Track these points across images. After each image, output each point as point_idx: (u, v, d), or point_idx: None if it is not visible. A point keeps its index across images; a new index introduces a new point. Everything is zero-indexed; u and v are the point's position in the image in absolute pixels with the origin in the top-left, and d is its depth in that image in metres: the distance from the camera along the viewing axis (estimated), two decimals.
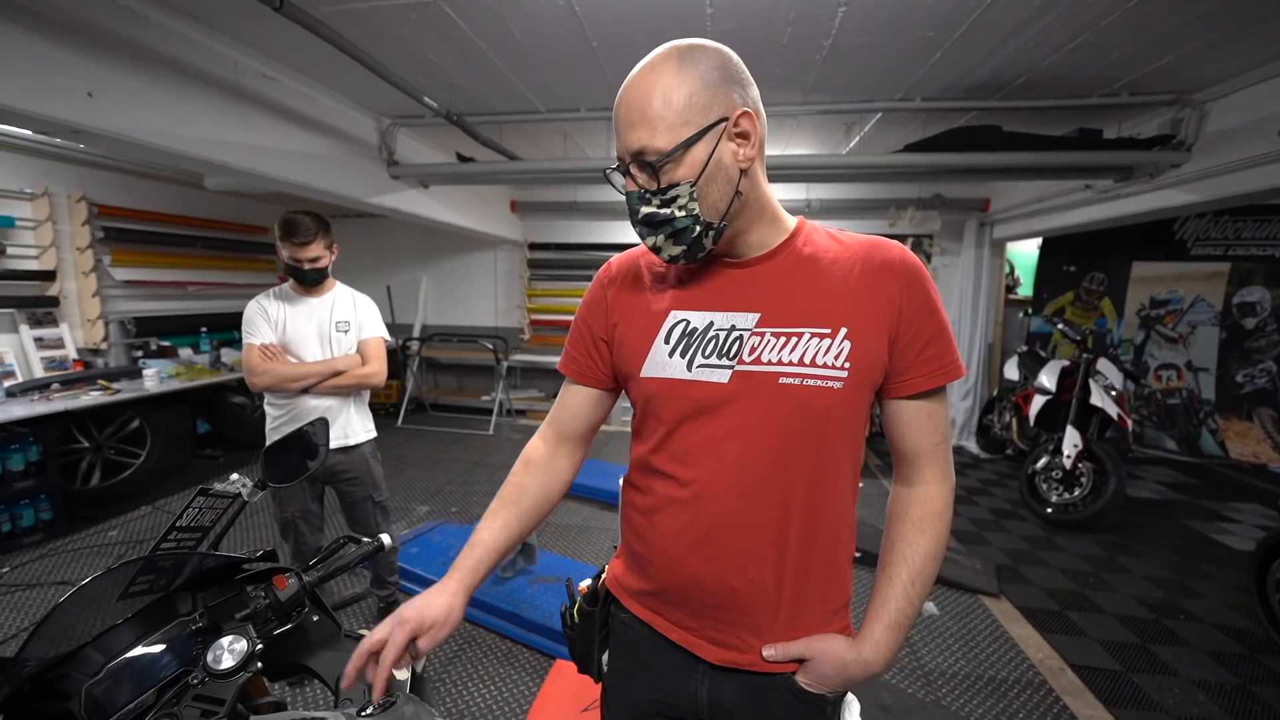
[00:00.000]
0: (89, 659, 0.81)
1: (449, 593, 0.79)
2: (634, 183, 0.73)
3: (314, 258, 1.92)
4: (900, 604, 0.74)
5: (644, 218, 0.73)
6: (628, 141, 0.70)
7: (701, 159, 0.69)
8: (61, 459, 3.16)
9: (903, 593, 0.74)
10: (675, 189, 0.70)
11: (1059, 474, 3.50)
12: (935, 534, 0.76)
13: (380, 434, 2.23)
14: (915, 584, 0.74)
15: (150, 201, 4.21)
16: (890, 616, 0.74)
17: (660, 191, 0.71)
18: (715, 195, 0.71)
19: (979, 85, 2.84)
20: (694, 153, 0.69)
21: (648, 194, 0.72)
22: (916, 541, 0.75)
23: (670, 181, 0.70)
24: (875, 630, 0.74)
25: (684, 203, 0.70)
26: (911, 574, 0.74)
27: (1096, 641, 2.35)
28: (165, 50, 2.18)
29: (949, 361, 0.74)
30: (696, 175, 0.69)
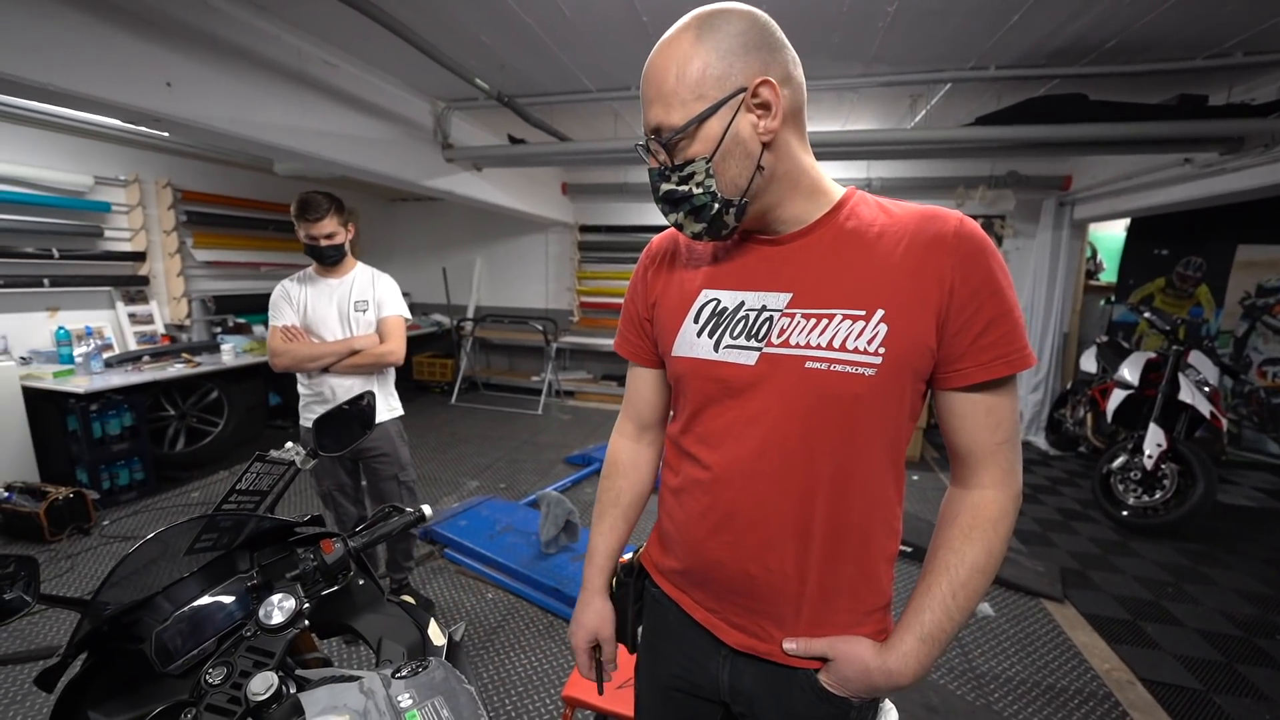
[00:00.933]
0: (160, 607, 0.87)
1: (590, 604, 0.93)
2: (654, 160, 0.71)
3: (329, 234, 1.94)
4: (937, 616, 0.68)
5: (664, 195, 0.72)
6: (647, 118, 0.69)
7: (716, 134, 0.66)
8: (151, 425, 3.45)
9: (941, 604, 0.68)
10: (691, 166, 0.68)
11: (1138, 475, 3.23)
12: (987, 544, 0.68)
13: (434, 411, 2.32)
14: (957, 597, 0.67)
15: (227, 186, 4.49)
16: (924, 628, 0.68)
17: (677, 169, 0.69)
18: (733, 171, 0.67)
19: (1062, 50, 2.60)
20: (708, 128, 0.66)
21: (667, 171, 0.70)
22: (963, 550, 0.68)
23: (685, 158, 0.68)
24: (905, 641, 0.69)
25: (701, 179, 0.68)
26: (954, 585, 0.68)
27: (1173, 656, 2.17)
28: (236, 40, 2.29)
29: (1013, 350, 0.65)
30: (711, 151, 0.66)
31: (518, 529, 2.78)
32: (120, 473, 3.20)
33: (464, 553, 2.66)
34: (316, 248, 1.95)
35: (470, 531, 2.76)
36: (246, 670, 0.76)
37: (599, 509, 0.95)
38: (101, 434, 3.11)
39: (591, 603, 0.92)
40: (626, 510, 0.94)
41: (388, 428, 2.13)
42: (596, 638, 0.91)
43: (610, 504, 0.94)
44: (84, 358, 3.26)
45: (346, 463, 2.14)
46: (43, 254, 3.33)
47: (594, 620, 0.91)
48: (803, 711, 0.75)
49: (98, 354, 3.33)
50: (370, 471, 2.17)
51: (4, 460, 2.95)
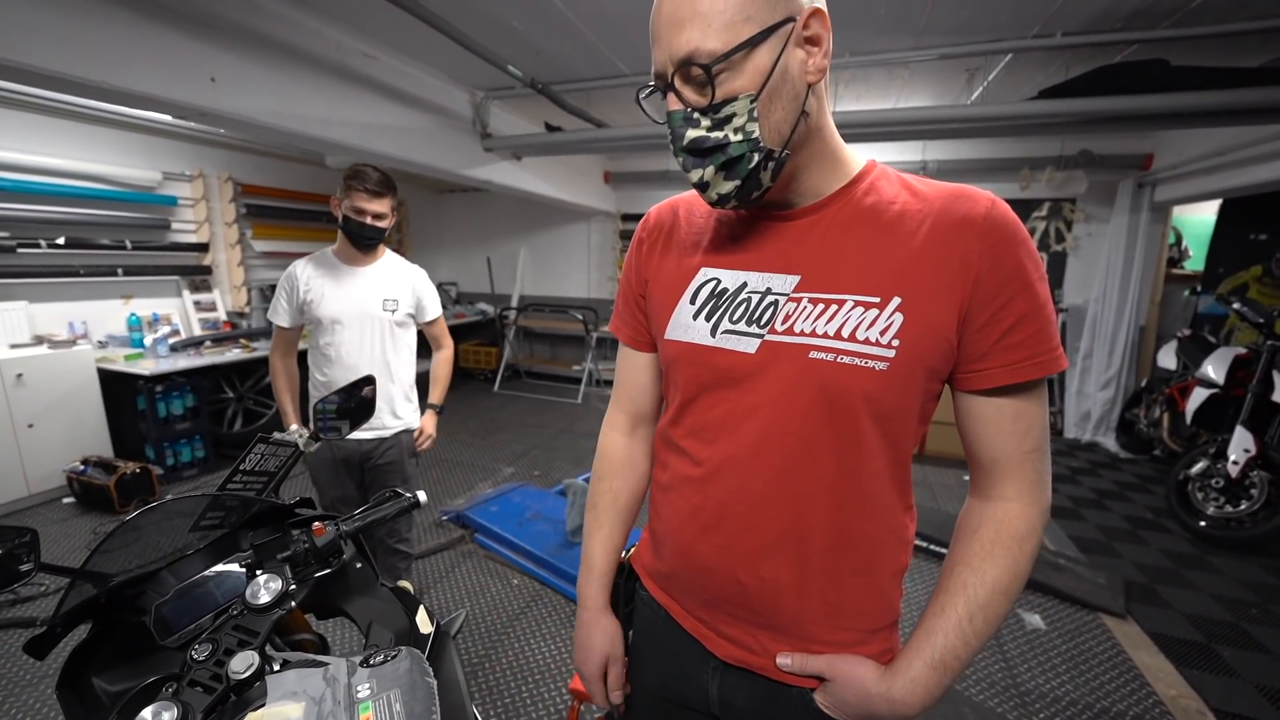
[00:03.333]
0: (163, 581, 0.90)
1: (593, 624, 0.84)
2: (677, 100, 0.59)
3: (379, 213, 1.70)
4: (951, 640, 0.60)
5: (690, 144, 0.59)
6: (673, 46, 0.56)
7: (765, 66, 0.56)
8: (211, 406, 3.68)
9: (956, 628, 0.60)
10: (731, 105, 0.57)
11: (1220, 482, 2.93)
12: (1010, 563, 0.61)
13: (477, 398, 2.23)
14: (974, 620, 0.60)
15: (283, 180, 4.71)
16: (935, 654, 0.60)
17: (712, 109, 0.57)
18: (779, 115, 0.58)
19: (1141, 11, 2.34)
20: (756, 57, 0.56)
21: (695, 113, 0.58)
22: (983, 569, 0.61)
23: (727, 95, 0.56)
24: (914, 666, 0.61)
25: (741, 123, 0.57)
26: (971, 607, 0.60)
27: (1254, 687, 1.95)
28: (276, 34, 2.36)
29: (1043, 351, 0.58)
30: (759, 87, 0.56)
31: (546, 516, 2.80)
32: (183, 450, 3.43)
33: (493, 538, 2.70)
34: (361, 225, 1.69)
35: (500, 517, 2.79)
36: (231, 648, 0.77)
37: (593, 515, 0.87)
38: (166, 413, 3.33)
39: (598, 623, 0.83)
40: (624, 513, 0.87)
41: (402, 439, 1.91)
42: (608, 660, 0.82)
43: (607, 508, 0.86)
44: (153, 343, 3.50)
45: (354, 473, 1.91)
46: (117, 245, 3.59)
47: (604, 642, 0.82)
48: None
49: (165, 339, 3.57)
50: (373, 477, 1.92)
51: (82, 436, 3.21)
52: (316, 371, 1.85)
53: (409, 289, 1.87)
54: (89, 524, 2.90)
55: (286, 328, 1.81)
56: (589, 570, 0.85)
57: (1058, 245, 4.75)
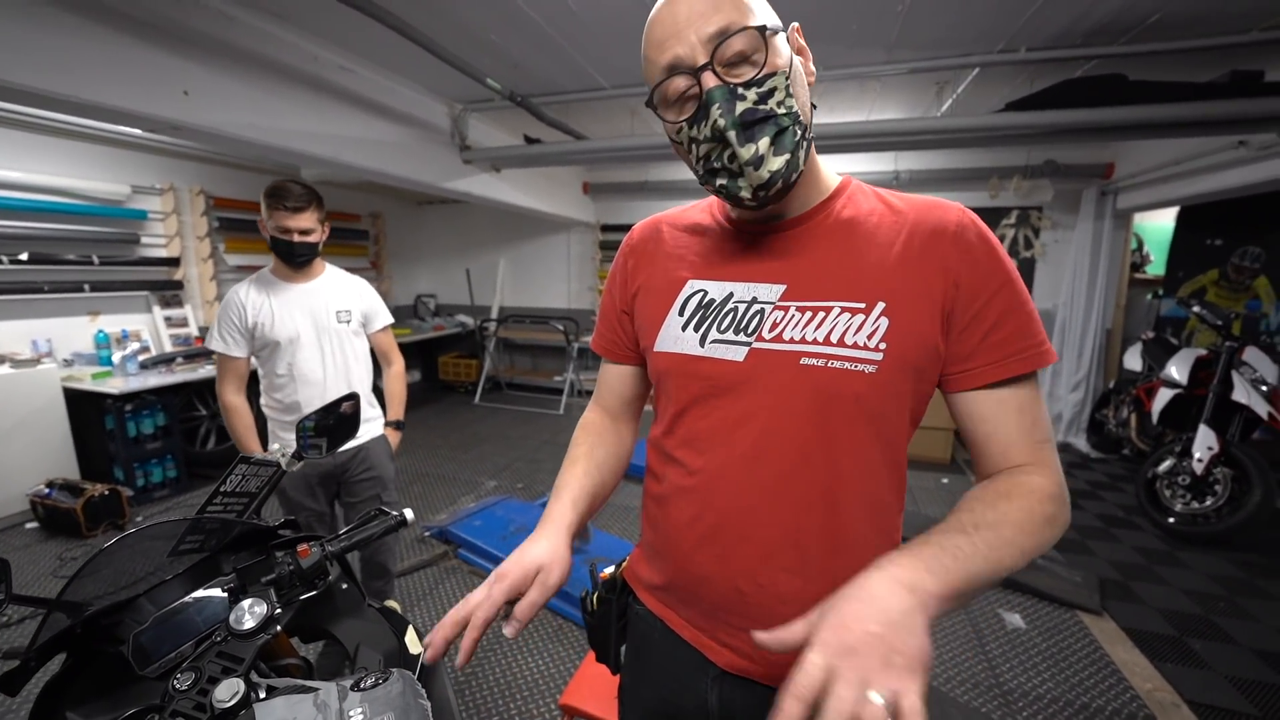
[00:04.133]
0: (141, 608, 0.88)
1: (545, 536, 0.69)
2: (714, 77, 0.58)
3: (306, 229, 1.65)
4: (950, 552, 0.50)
5: (742, 116, 0.58)
6: (703, 29, 0.57)
7: (789, 52, 0.61)
8: (184, 424, 3.58)
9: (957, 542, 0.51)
10: (772, 79, 0.58)
11: (1187, 479, 3.03)
12: (1028, 505, 0.57)
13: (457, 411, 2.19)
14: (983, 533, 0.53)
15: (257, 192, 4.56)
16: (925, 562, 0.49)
17: (758, 82, 0.58)
18: (803, 98, 0.62)
19: (1099, 29, 2.45)
20: (779, 42, 0.60)
21: (739, 88, 0.58)
22: (998, 505, 0.56)
23: (771, 69, 0.58)
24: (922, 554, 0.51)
25: (782, 97, 0.59)
26: (978, 522, 0.54)
27: (1224, 678, 2.01)
28: (251, 47, 2.34)
29: (1029, 345, 0.61)
30: (788, 67, 0.60)
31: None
32: (154, 470, 3.33)
33: (477, 553, 2.66)
34: (288, 244, 1.64)
35: (484, 532, 2.76)
36: (215, 676, 0.75)
37: (569, 457, 0.83)
38: (136, 433, 3.23)
39: (541, 538, 0.69)
40: (601, 461, 0.82)
41: (374, 446, 1.86)
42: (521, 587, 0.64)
43: (584, 455, 0.81)
44: (122, 360, 3.40)
45: (330, 488, 1.85)
46: (83, 260, 3.49)
47: (540, 554, 0.66)
48: None
49: (134, 356, 3.47)
50: (350, 493, 1.86)
51: (46, 458, 3.09)
52: (275, 395, 1.77)
53: (356, 298, 1.86)
54: (54, 550, 2.79)
55: (238, 357, 1.72)
56: (556, 493, 0.78)
57: (1026, 252, 4.89)
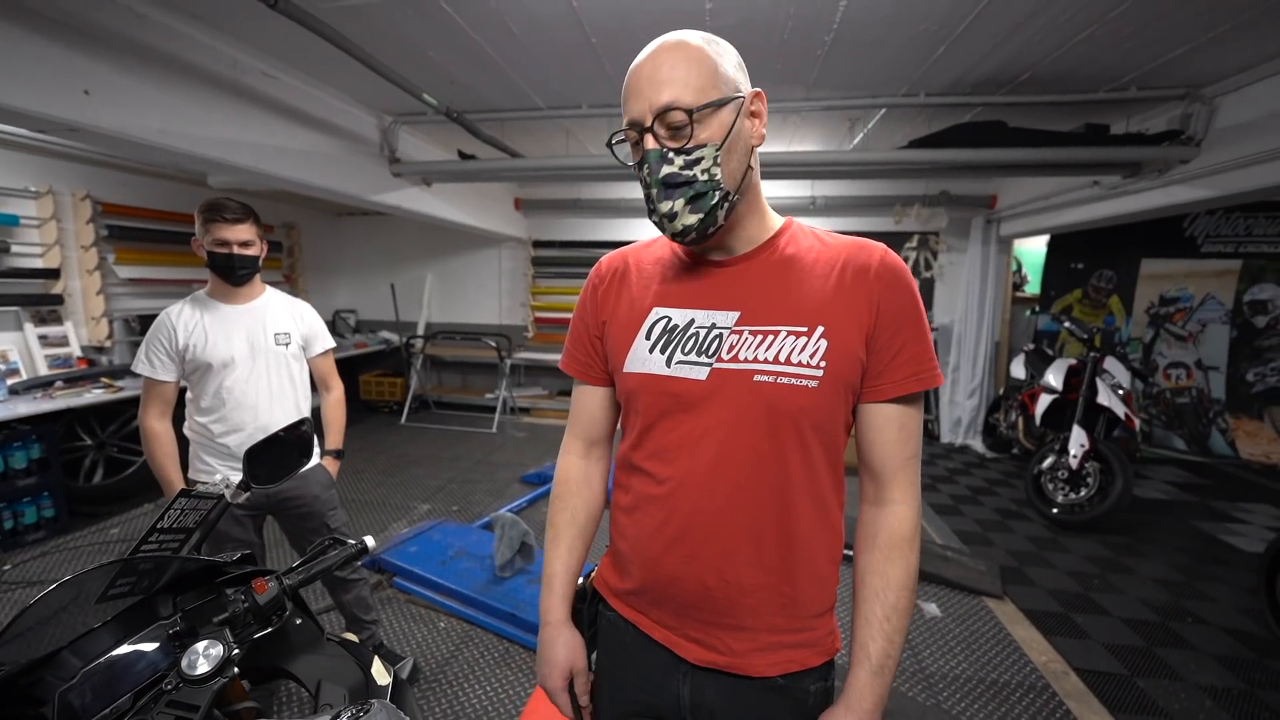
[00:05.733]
0: (65, 664, 0.80)
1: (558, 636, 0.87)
2: (655, 140, 0.69)
3: (245, 240, 1.59)
4: (880, 644, 0.72)
5: (665, 178, 0.70)
6: (654, 98, 0.68)
7: (727, 123, 0.69)
8: (65, 456, 3.18)
9: (880, 631, 0.72)
10: (701, 150, 0.68)
11: (1065, 474, 3.45)
12: (906, 562, 0.74)
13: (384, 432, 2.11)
14: (891, 619, 0.72)
15: (154, 199, 4.23)
16: (873, 661, 0.72)
17: (685, 151, 0.69)
18: (734, 164, 0.71)
19: (984, 81, 2.80)
20: (721, 115, 0.69)
21: (670, 153, 0.69)
22: (887, 572, 0.73)
23: (698, 142, 0.68)
24: (860, 678, 0.73)
25: (708, 166, 0.69)
26: (886, 609, 0.72)
27: (1101, 645, 2.31)
28: (164, 48, 2.18)
29: (924, 369, 0.72)
30: (722, 139, 0.69)
31: (471, 553, 2.70)
32: (26, 510, 2.92)
33: (414, 580, 2.56)
34: (228, 256, 1.58)
35: (420, 558, 2.65)
36: None
37: (553, 532, 0.91)
38: (4, 468, 2.83)
39: (559, 636, 0.87)
40: (583, 530, 0.92)
41: (313, 475, 1.78)
42: (573, 673, 0.87)
43: (566, 524, 0.91)
44: None
45: (259, 518, 1.76)
46: None
47: (566, 655, 0.86)
48: (764, 713, 0.78)
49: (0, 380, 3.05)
50: (292, 524, 1.80)
51: None
52: (202, 420, 1.66)
53: (297, 321, 1.79)
54: None
55: (166, 381, 1.60)
56: (549, 586, 0.89)
57: (926, 272, 5.41)
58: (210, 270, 1.63)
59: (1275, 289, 4.63)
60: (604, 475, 0.96)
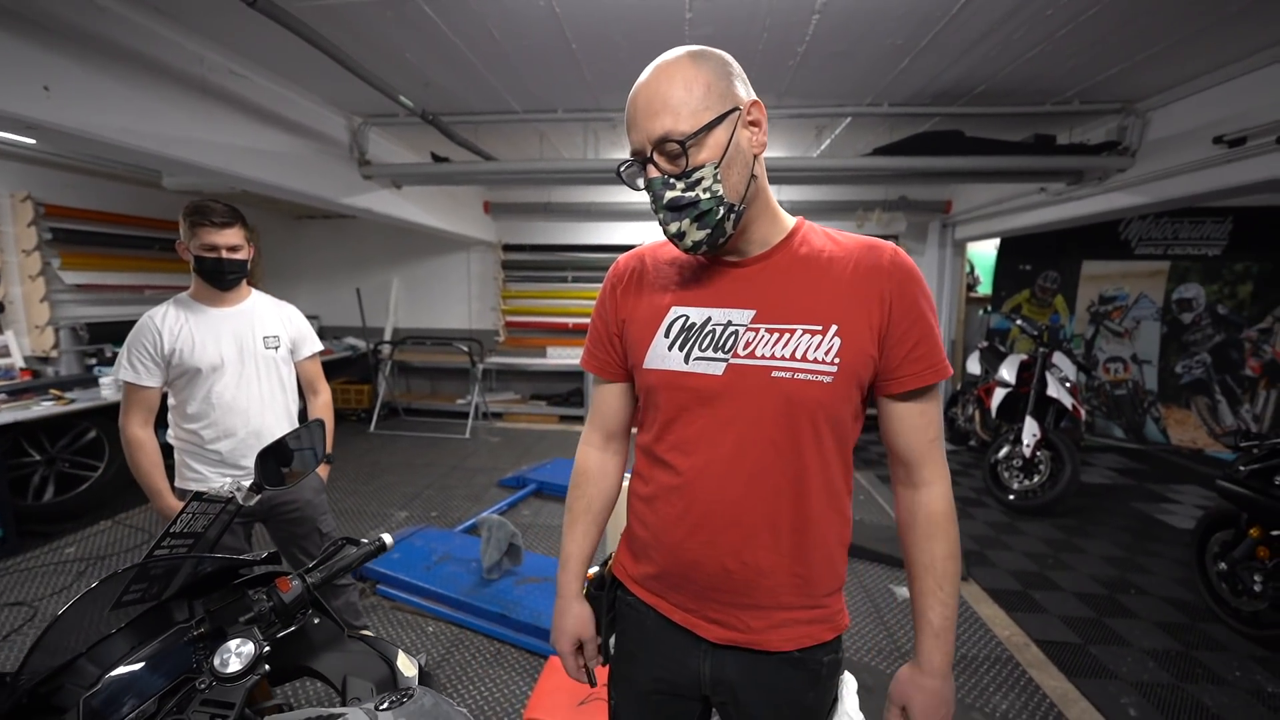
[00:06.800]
0: (83, 671, 0.80)
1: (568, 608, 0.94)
2: (657, 169, 0.74)
3: (234, 245, 1.56)
4: (938, 610, 0.79)
5: (669, 203, 0.74)
6: (650, 130, 0.72)
7: (723, 141, 0.72)
8: (11, 473, 2.99)
9: (936, 599, 0.79)
10: (700, 171, 0.72)
11: (1019, 462, 3.67)
12: (946, 535, 0.80)
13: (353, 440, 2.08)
14: (944, 587, 0.79)
15: (102, 201, 4.02)
16: (934, 625, 0.79)
17: (685, 175, 0.73)
18: (735, 177, 0.74)
19: (943, 92, 2.97)
20: (716, 135, 0.72)
21: (672, 179, 0.73)
22: (932, 549, 0.80)
23: (695, 164, 0.72)
24: (926, 643, 0.79)
25: (708, 184, 0.73)
26: (938, 578, 0.79)
27: (1057, 618, 2.48)
28: (128, 44, 2.11)
29: (937, 361, 0.77)
30: (719, 157, 0.72)
31: (456, 557, 2.68)
32: None
33: (399, 587, 2.53)
34: (217, 261, 1.55)
35: (404, 564, 2.62)
36: None
37: (570, 517, 0.97)
38: None
39: (570, 608, 0.94)
40: (598, 516, 0.97)
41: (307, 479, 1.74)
42: (580, 640, 0.94)
43: (582, 511, 0.96)
44: None
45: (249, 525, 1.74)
46: None
47: (575, 624, 0.94)
48: (781, 685, 0.83)
49: None
50: (283, 530, 1.77)
51: None
52: (189, 426, 1.62)
53: (285, 324, 1.78)
54: None
55: (150, 387, 1.56)
56: (565, 565, 0.96)
57: None
58: (196, 275, 1.60)
59: (1198, 288, 5.03)
60: (620, 466, 1.00)
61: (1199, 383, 5.07)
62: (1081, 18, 2.17)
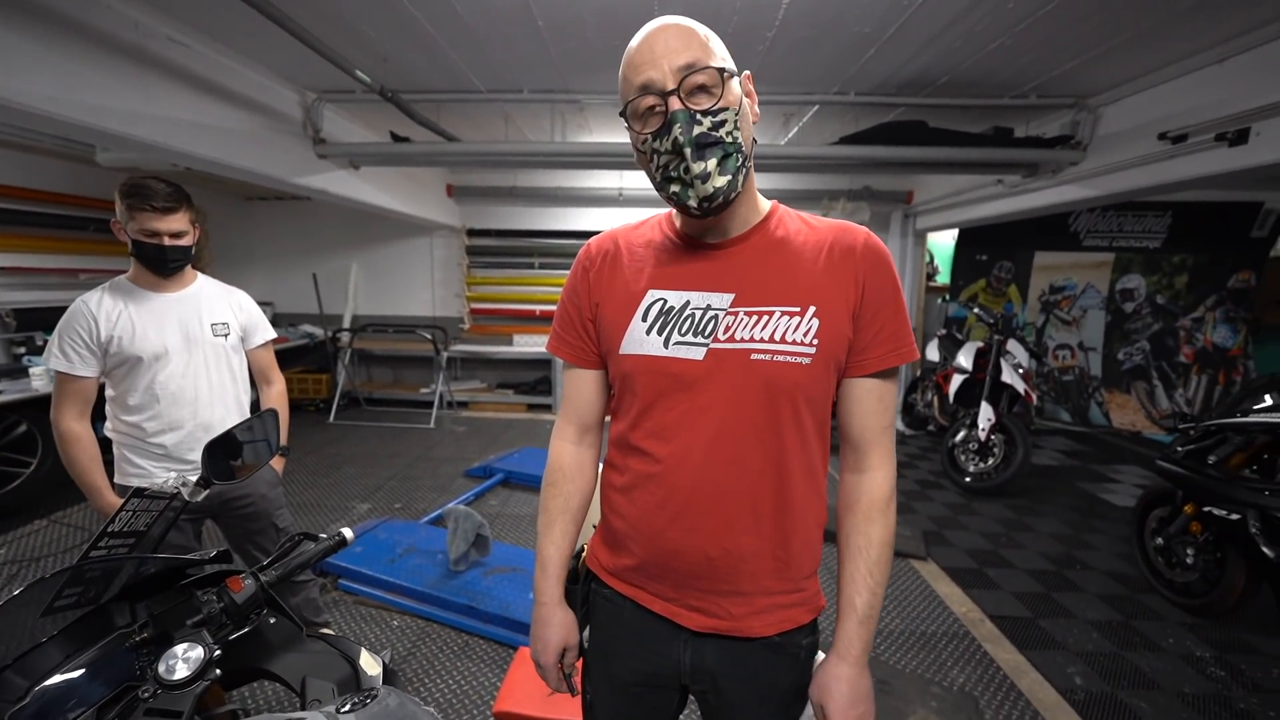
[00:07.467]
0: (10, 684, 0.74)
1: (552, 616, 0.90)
2: (680, 101, 0.70)
3: (177, 231, 1.45)
4: (865, 597, 0.78)
5: (697, 138, 0.70)
6: (672, 61, 0.70)
7: (739, 93, 0.73)
8: None
9: (864, 585, 0.78)
10: (724, 113, 0.71)
11: (975, 446, 3.81)
12: (885, 521, 0.80)
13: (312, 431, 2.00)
14: (874, 574, 0.78)
15: (30, 179, 3.73)
16: (859, 612, 0.78)
17: (712, 112, 0.70)
18: (746, 133, 0.74)
19: (908, 82, 3.01)
20: (733, 85, 0.72)
21: (698, 114, 0.70)
22: (869, 532, 0.79)
23: (724, 104, 0.71)
24: (848, 628, 0.78)
25: (730, 129, 0.71)
26: (869, 565, 0.78)
27: (1010, 594, 2.60)
28: (52, 4, 1.93)
29: (903, 344, 0.78)
30: (737, 107, 0.72)
31: (421, 549, 2.62)
32: None
33: (362, 581, 2.46)
34: (159, 248, 1.44)
35: (367, 558, 2.55)
36: None
37: (546, 518, 0.92)
38: None
39: (553, 616, 0.90)
40: (576, 515, 0.93)
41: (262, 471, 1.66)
42: (564, 648, 0.91)
43: (560, 510, 0.92)
44: None
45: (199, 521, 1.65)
46: None
47: (560, 633, 0.90)
48: (762, 670, 0.83)
49: None
50: (236, 526, 1.69)
51: None
52: (129, 419, 1.52)
53: (235, 310, 1.68)
54: None
55: (85, 377, 1.45)
56: (544, 569, 0.91)
57: None
58: (135, 259, 1.49)
59: (1140, 279, 5.29)
60: (595, 460, 0.97)
61: (1138, 369, 5.36)
62: (1040, 11, 2.22)
